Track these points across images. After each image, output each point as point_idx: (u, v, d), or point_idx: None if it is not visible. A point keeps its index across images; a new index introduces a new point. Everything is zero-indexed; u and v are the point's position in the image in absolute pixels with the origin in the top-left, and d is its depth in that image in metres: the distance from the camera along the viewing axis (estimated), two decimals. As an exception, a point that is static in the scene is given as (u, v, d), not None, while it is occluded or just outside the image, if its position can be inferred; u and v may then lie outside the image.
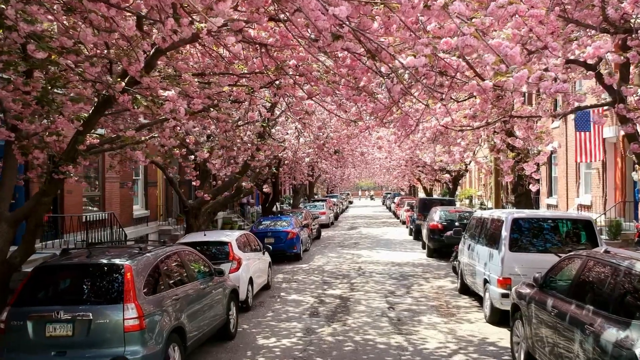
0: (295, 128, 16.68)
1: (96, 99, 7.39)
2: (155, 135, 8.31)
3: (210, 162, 9.14)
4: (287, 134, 17.03)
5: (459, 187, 34.92)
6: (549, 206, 24.55)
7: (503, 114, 9.60)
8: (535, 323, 7.17)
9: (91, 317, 6.34)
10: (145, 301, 6.69)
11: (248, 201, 32.84)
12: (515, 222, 10.07)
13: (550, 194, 25.10)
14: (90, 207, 17.47)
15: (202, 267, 9.01)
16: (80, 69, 6.41)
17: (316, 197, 50.43)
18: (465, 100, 9.82)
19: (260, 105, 12.01)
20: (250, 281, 11.95)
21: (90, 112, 7.10)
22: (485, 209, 30.64)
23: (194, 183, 11.15)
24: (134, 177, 20.85)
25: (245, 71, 7.59)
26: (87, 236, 14.90)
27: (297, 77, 7.49)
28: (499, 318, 10.19)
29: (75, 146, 6.89)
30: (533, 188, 11.97)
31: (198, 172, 18.53)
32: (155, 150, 10.45)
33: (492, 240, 10.65)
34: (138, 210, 21.12)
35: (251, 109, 10.15)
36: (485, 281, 10.64)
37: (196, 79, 7.42)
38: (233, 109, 10.04)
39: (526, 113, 10.14)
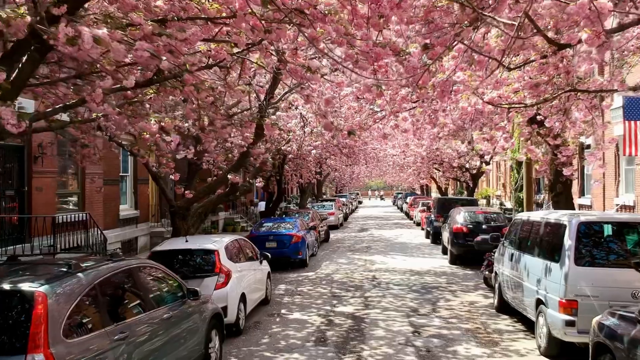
0: (301, 115, 14.40)
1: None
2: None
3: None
4: (292, 122, 14.75)
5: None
6: (581, 207, 22.17)
7: (570, 86, 7.28)
8: (645, 379, 4.90)
9: (-26, 378, 4.15)
10: (66, 347, 4.47)
11: (252, 201, 30.71)
12: (582, 227, 7.77)
13: (582, 193, 22.65)
14: (73, 207, 15.42)
15: (170, 287, 6.78)
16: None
17: (324, 196, 48.12)
18: (518, 67, 7.50)
19: (255, 81, 9.77)
20: (243, 298, 9.69)
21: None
22: (505, 209, 28.20)
23: (172, 177, 8.88)
24: (121, 173, 18.70)
25: (224, 15, 5.36)
26: (55, 241, 12.73)
27: (295, 20, 5.22)
28: (558, 350, 7.93)
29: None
30: (595, 184, 9.72)
31: (190, 168, 16.44)
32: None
33: (549, 250, 8.37)
34: (126, 210, 18.92)
35: (243, 80, 7.89)
36: (539, 302, 8.35)
37: (152, 26, 5.15)
38: (216, 79, 7.74)
39: (596, 86, 7.82)
